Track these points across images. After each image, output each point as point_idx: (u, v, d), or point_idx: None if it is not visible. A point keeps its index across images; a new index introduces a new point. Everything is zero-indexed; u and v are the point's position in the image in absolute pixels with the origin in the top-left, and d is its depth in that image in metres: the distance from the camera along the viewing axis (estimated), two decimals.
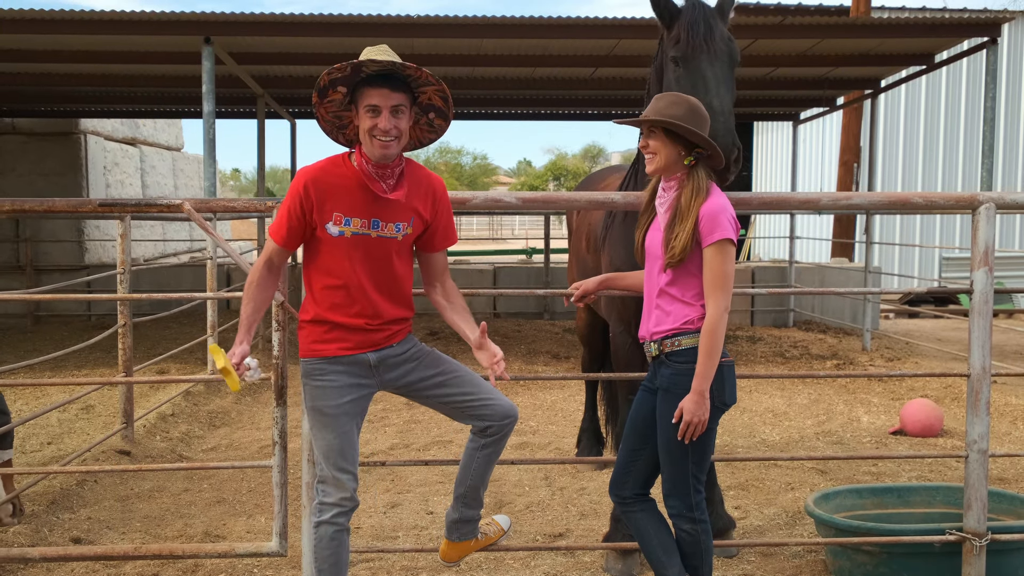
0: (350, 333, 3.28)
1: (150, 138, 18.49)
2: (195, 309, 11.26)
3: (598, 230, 4.77)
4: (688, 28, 3.84)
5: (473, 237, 37.63)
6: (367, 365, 3.31)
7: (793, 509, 5.27)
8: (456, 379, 3.42)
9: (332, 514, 3.32)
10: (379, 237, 3.25)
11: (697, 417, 3.24)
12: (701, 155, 3.33)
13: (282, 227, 3.25)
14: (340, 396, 3.28)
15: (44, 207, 3.75)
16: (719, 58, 3.79)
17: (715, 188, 3.35)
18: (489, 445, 3.46)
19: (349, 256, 3.23)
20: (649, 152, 3.36)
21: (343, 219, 3.20)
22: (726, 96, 3.73)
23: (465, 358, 9.57)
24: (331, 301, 3.26)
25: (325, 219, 3.19)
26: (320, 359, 3.28)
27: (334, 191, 3.20)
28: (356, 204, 3.21)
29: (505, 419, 3.42)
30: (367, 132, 3.15)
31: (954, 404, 8.11)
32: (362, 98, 3.16)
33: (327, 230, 3.20)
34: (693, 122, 3.28)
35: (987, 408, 3.86)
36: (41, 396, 8.42)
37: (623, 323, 4.45)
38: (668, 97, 3.36)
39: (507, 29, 9.54)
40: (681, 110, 3.28)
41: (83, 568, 4.43)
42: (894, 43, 10.47)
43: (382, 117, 3.13)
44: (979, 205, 3.81)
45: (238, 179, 72.37)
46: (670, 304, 3.35)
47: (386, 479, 5.92)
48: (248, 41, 9.82)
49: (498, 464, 3.60)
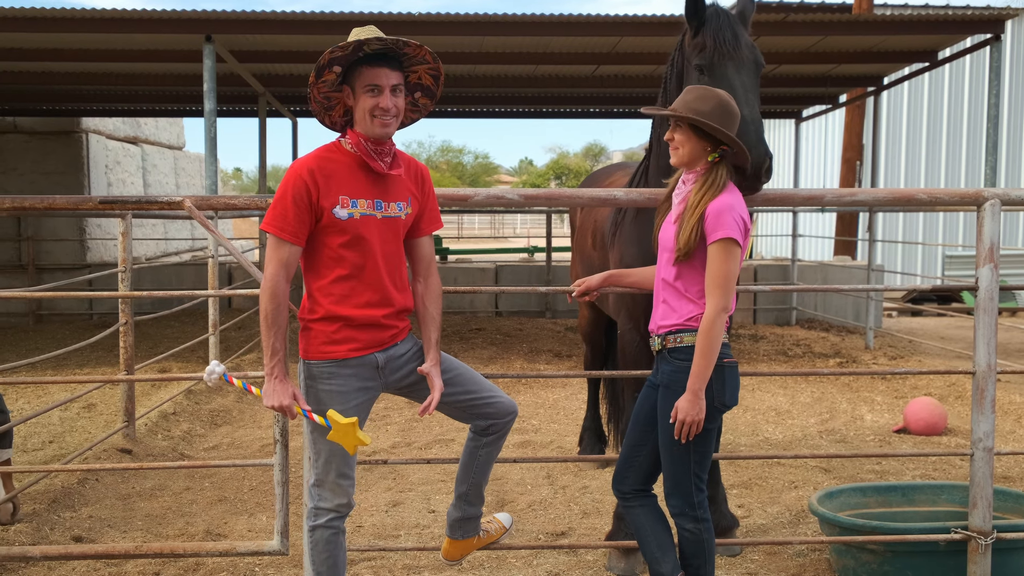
0: (360, 331, 3.19)
1: (152, 137, 18.49)
2: (196, 308, 11.25)
3: (605, 227, 4.73)
4: (714, 36, 3.77)
5: (475, 236, 37.61)
6: (374, 367, 3.24)
7: (797, 508, 5.25)
8: (457, 377, 3.38)
9: (328, 519, 3.29)
10: (384, 218, 3.20)
11: (691, 417, 3.21)
12: (726, 152, 3.31)
13: (291, 221, 3.08)
14: (348, 400, 3.21)
15: (44, 204, 3.74)
16: (745, 66, 3.75)
17: (731, 187, 3.32)
18: (490, 443, 3.45)
19: (359, 240, 3.15)
20: (674, 145, 3.34)
21: (349, 201, 3.13)
22: (755, 104, 3.69)
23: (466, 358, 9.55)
24: (340, 293, 3.16)
25: (332, 203, 3.11)
26: (330, 362, 3.18)
27: (335, 175, 3.13)
28: (359, 186, 3.16)
29: (507, 416, 3.42)
30: (368, 111, 3.12)
31: (958, 402, 8.09)
32: (360, 78, 3.11)
33: (335, 214, 3.10)
34: (722, 119, 3.25)
35: (992, 406, 3.84)
36: (43, 394, 8.42)
37: (632, 320, 4.42)
38: (698, 91, 3.31)
39: (508, 26, 9.53)
40: (710, 106, 3.25)
41: (84, 567, 4.41)
42: (897, 40, 10.45)
43: (384, 96, 3.11)
44: (984, 201, 3.79)
45: (240, 178, 72.38)
46: (675, 299, 3.34)
47: (388, 478, 5.91)
48: (249, 39, 9.81)
49: (500, 463, 3.60)
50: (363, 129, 3.16)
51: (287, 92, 13.29)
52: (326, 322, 3.18)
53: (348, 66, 3.13)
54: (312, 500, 3.32)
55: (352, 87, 3.14)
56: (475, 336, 11.44)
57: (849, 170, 16.24)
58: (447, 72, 11.79)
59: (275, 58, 10.68)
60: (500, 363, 9.77)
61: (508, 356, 10.20)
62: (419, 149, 56.86)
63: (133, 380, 6.06)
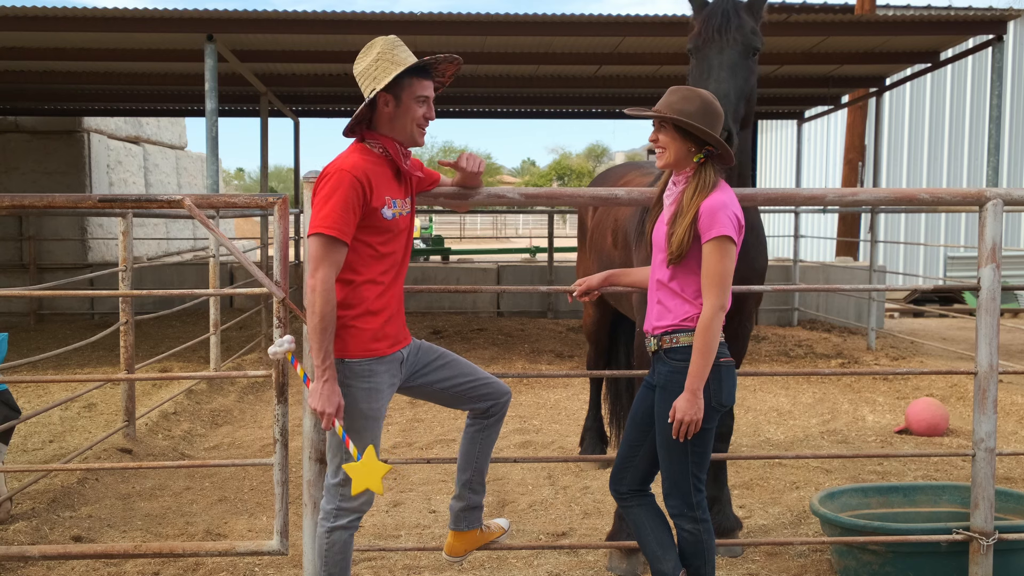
0: (394, 326, 3.28)
1: (153, 136, 18.50)
2: (197, 307, 11.24)
3: (628, 227, 4.68)
4: (704, 20, 3.89)
5: (477, 236, 37.60)
6: (400, 362, 3.33)
7: (798, 508, 5.24)
8: (453, 362, 3.47)
9: (350, 519, 3.30)
10: (407, 215, 3.34)
11: (689, 416, 3.20)
12: (711, 153, 3.29)
13: (350, 224, 3.10)
14: (382, 397, 3.27)
15: (44, 203, 3.73)
16: (729, 46, 3.79)
17: (723, 185, 3.31)
18: (490, 426, 3.52)
19: (397, 236, 3.26)
20: (659, 147, 3.33)
21: (392, 201, 3.23)
22: (727, 79, 3.73)
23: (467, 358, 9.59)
24: (380, 290, 3.22)
25: (381, 203, 3.18)
26: (371, 360, 3.22)
27: (377, 177, 3.20)
28: (392, 186, 3.27)
29: (503, 396, 3.51)
30: (415, 120, 3.23)
31: (960, 403, 8.07)
32: (409, 87, 3.19)
33: (383, 214, 3.18)
34: (705, 119, 3.23)
35: (994, 406, 3.83)
36: (43, 394, 8.41)
37: None
38: (681, 91, 3.30)
39: (511, 26, 9.52)
40: (694, 106, 3.24)
41: (84, 566, 4.41)
42: (899, 41, 10.43)
43: (429, 107, 3.24)
44: (986, 201, 3.78)
45: (242, 178, 72.40)
46: (670, 299, 3.32)
47: (388, 478, 5.90)
48: (251, 39, 9.81)
49: (501, 463, 3.59)
50: (402, 135, 3.25)
51: (289, 92, 13.28)
52: (368, 317, 3.20)
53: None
54: (333, 501, 3.30)
55: (396, 96, 3.19)
56: (477, 336, 11.43)
57: (851, 171, 16.21)
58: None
59: (277, 58, 10.68)
60: (502, 363, 9.77)
61: (510, 356, 10.20)
62: (421, 150, 56.83)
63: (134, 379, 6.05)
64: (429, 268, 14.51)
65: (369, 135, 3.26)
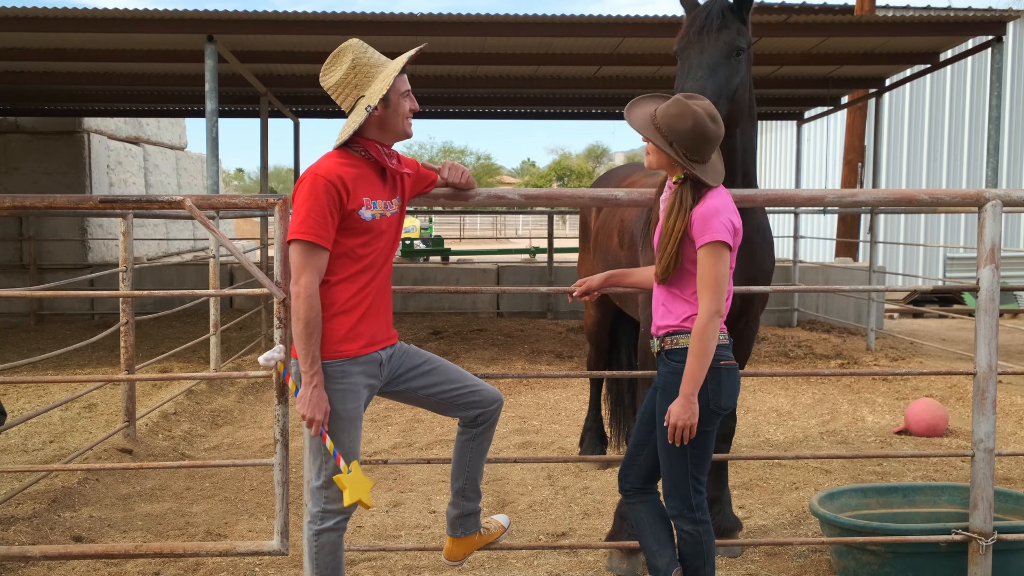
0: (370, 326, 3.24)
1: (153, 137, 18.50)
2: (198, 308, 11.25)
3: (635, 227, 4.66)
4: (689, 23, 3.90)
5: (476, 236, 37.60)
6: (379, 363, 3.29)
7: (797, 509, 5.24)
8: (440, 368, 3.44)
9: (336, 521, 3.29)
10: (392, 215, 3.32)
11: (683, 421, 3.19)
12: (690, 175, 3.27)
13: (329, 228, 3.10)
14: (358, 399, 3.24)
15: (45, 204, 3.73)
16: (710, 47, 3.79)
17: (717, 190, 3.30)
18: (480, 434, 3.49)
19: (377, 237, 3.24)
20: (647, 150, 3.36)
21: (371, 202, 3.22)
22: (703, 78, 3.72)
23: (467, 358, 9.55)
24: (355, 289, 3.20)
25: (358, 205, 3.17)
26: (343, 360, 3.19)
27: (355, 179, 3.19)
28: (374, 188, 3.25)
29: (493, 404, 3.46)
30: (405, 115, 3.25)
31: (959, 404, 8.08)
32: (395, 86, 3.20)
33: (360, 215, 3.17)
34: (691, 143, 3.20)
35: (993, 406, 3.84)
36: (43, 394, 8.42)
37: None
38: (680, 106, 3.25)
39: (510, 27, 9.52)
40: (685, 125, 3.20)
41: (84, 566, 4.42)
42: (899, 41, 10.44)
43: (412, 98, 3.27)
44: (986, 202, 3.79)
45: (242, 179, 72.39)
46: (672, 300, 3.33)
47: (388, 478, 5.90)
48: (251, 39, 9.81)
49: (501, 463, 3.60)
50: (393, 134, 3.26)
51: (289, 92, 13.28)
52: (340, 317, 3.19)
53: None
54: (318, 503, 3.30)
55: (386, 98, 3.19)
56: (476, 337, 11.43)
57: (851, 171, 16.22)
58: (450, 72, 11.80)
59: (277, 58, 10.68)
60: (501, 364, 9.77)
61: (509, 357, 10.19)
62: (420, 150, 56.80)
63: (134, 380, 6.06)
64: (429, 269, 14.52)
65: (361, 140, 3.25)
